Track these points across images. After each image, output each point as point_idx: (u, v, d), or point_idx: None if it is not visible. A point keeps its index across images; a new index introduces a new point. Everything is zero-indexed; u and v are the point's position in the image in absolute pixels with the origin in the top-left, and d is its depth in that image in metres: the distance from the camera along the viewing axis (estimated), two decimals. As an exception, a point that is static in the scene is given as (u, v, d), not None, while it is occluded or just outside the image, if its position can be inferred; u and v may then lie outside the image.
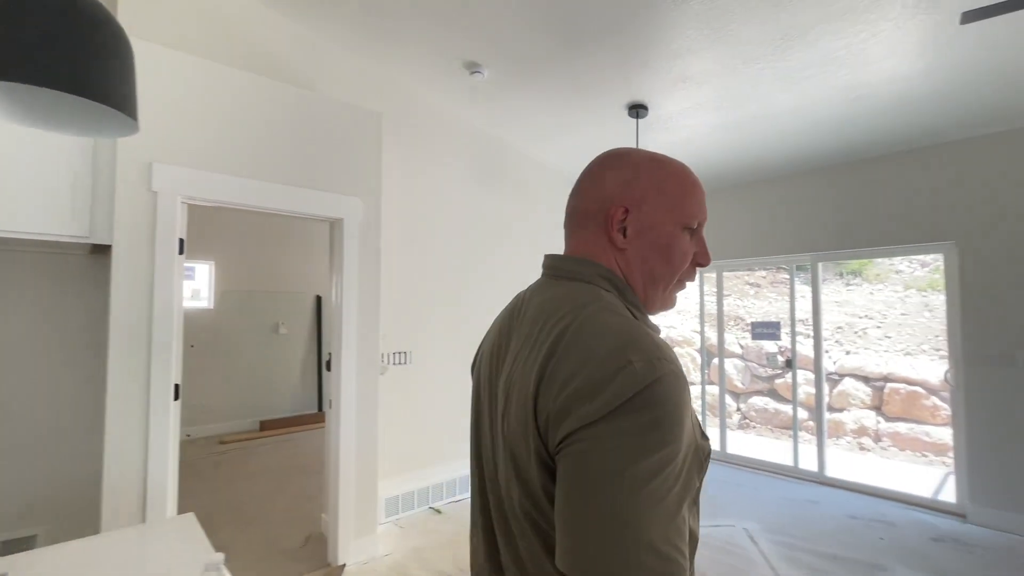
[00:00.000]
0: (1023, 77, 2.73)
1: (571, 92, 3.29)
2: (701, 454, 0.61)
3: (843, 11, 2.37)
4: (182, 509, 2.02)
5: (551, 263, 0.75)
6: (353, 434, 2.78)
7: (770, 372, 7.30)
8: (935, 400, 6.14)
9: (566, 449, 0.55)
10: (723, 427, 4.74)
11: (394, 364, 3.35)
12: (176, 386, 2.19)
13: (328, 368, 2.85)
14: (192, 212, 2.59)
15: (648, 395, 0.53)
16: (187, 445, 4.90)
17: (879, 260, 7.51)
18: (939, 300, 7.09)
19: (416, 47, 3.04)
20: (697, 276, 2.01)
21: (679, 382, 0.56)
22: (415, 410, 3.46)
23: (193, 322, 5.43)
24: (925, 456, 5.82)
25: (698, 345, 8.02)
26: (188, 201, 2.27)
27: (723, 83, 3.02)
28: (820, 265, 4.10)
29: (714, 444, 4.77)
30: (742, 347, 7.98)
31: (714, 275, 4.88)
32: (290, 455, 4.80)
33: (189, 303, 5.45)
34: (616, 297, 0.68)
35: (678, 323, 8.49)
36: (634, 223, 0.70)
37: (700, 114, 3.41)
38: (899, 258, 7.47)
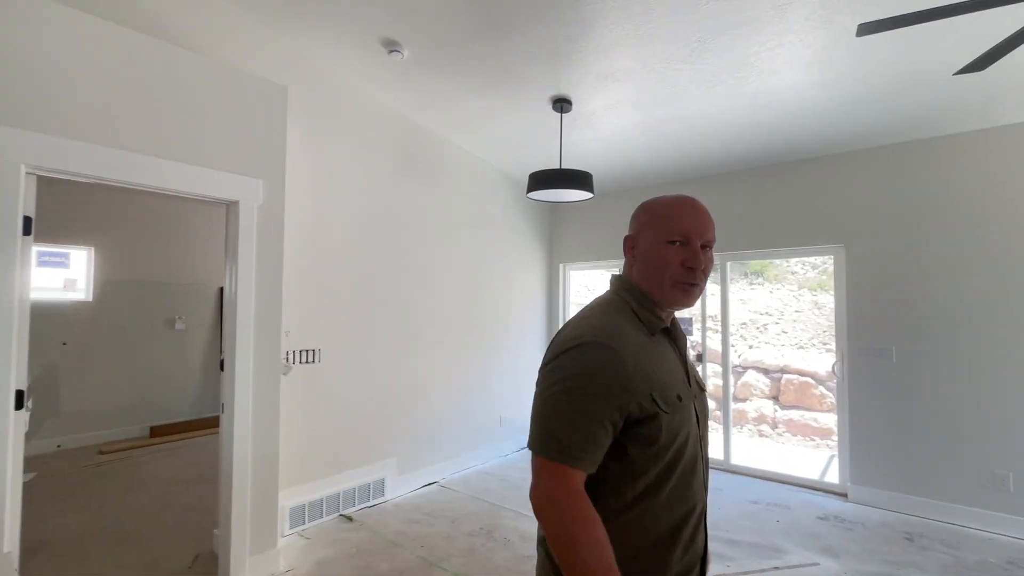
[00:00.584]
0: (907, 96, 3.00)
1: (496, 80, 3.20)
2: (645, 402, 0.91)
3: (752, 19, 2.46)
4: (35, 537, 1.69)
5: (616, 280, 1.12)
6: (249, 440, 2.52)
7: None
8: (822, 389, 6.76)
9: None
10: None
11: (301, 363, 3.10)
12: (19, 392, 1.84)
13: (221, 368, 2.56)
14: (64, 189, 2.20)
15: (566, 355, 0.93)
16: (55, 458, 4.28)
17: (778, 261, 8.16)
18: (827, 299, 7.84)
19: (328, 18, 2.79)
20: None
21: (592, 349, 0.91)
22: (325, 412, 3.23)
23: (66, 316, 4.75)
24: (813, 440, 6.39)
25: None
26: (36, 172, 1.91)
27: (644, 82, 3.06)
28: (728, 265, 4.33)
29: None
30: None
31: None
32: (185, 463, 4.34)
33: (59, 294, 4.75)
34: (628, 296, 1.04)
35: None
36: (637, 248, 1.05)
37: (622, 112, 3.45)
38: (795, 260, 8.11)
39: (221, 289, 5.84)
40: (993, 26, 2.28)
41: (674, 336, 1.07)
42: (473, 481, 3.98)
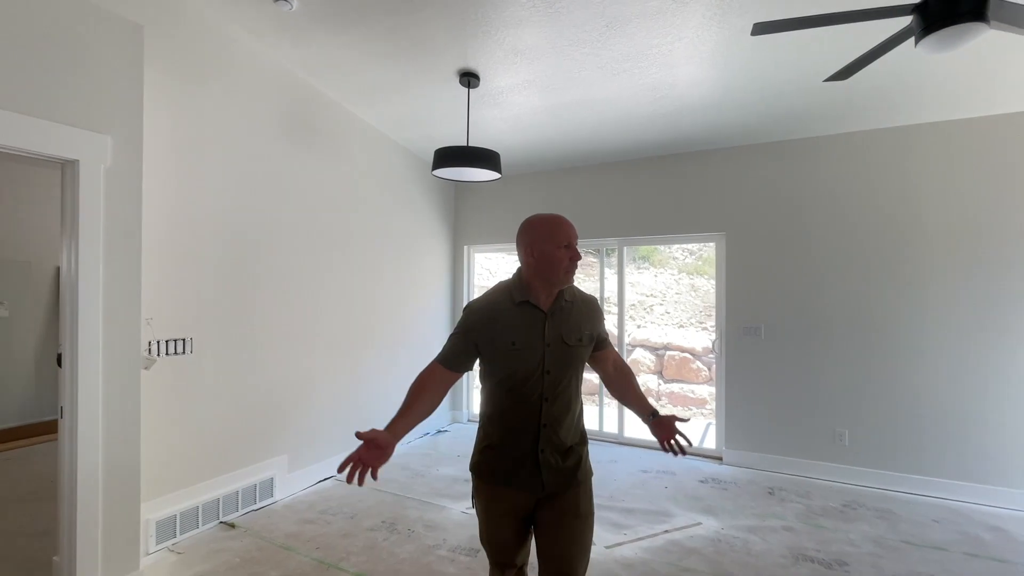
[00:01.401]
0: (786, 99, 3.31)
1: (399, 47, 2.97)
2: (481, 340, 1.50)
3: (656, 11, 2.53)
4: None
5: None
6: (99, 447, 2.12)
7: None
8: (699, 363, 7.48)
9: None
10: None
11: (168, 354, 2.68)
12: None
13: (59, 364, 2.11)
14: None
15: (463, 312, 1.56)
16: None
17: (662, 247, 8.82)
18: (702, 282, 8.67)
19: (196, -50, 2.37)
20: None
21: (468, 313, 1.53)
22: (200, 409, 2.84)
23: None
24: (691, 410, 7.07)
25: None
26: None
27: (552, 63, 3.04)
28: (624, 249, 4.55)
29: (532, 416, 5.02)
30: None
31: (536, 255, 5.07)
32: (13, 479, 3.60)
33: None
34: (514, 282, 1.54)
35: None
36: (535, 252, 1.48)
37: (529, 92, 3.40)
38: (676, 246, 8.80)
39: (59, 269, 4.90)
40: (858, 40, 2.56)
41: (542, 312, 1.51)
42: (373, 472, 3.79)
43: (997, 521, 3.05)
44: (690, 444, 1.64)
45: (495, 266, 7.99)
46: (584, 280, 8.95)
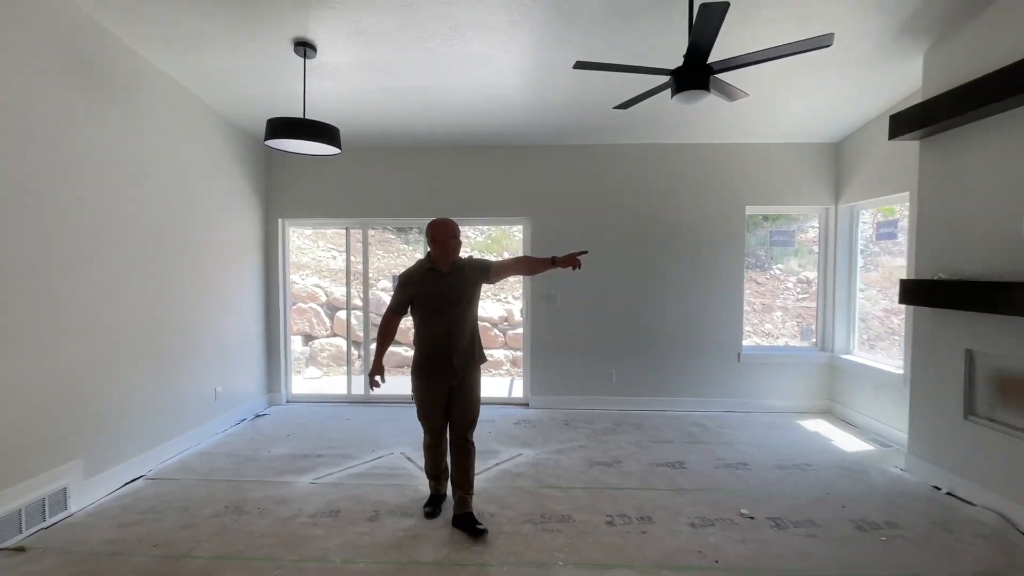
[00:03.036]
0: (586, 113, 4.12)
1: (225, 3, 2.74)
2: (410, 294, 2.64)
3: (492, 25, 2.96)
4: None
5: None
6: None
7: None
8: (496, 331, 8.47)
9: None
10: (366, 374, 5.15)
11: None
12: None
13: None
14: None
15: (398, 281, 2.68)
16: None
17: (464, 228, 9.53)
18: (491, 259, 9.69)
19: None
20: (347, 235, 2.94)
21: (401, 278, 2.68)
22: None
23: None
24: (490, 372, 8.01)
25: (323, 300, 8.15)
26: None
27: (396, 50, 3.21)
28: (446, 228, 4.98)
29: (357, 391, 5.13)
30: (361, 299, 8.56)
31: (360, 232, 5.11)
32: None
33: None
34: (427, 259, 2.67)
35: (299, 279, 8.28)
36: (436, 242, 2.60)
37: (370, 73, 3.49)
38: (471, 227, 9.60)
39: None
40: (642, 84, 3.44)
41: (443, 273, 2.62)
42: (193, 465, 3.47)
43: (702, 420, 4.55)
44: (584, 252, 2.76)
45: (337, 243, 7.50)
46: (384, 256, 9.10)
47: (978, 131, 2.87)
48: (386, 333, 2.67)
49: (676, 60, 2.61)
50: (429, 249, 2.63)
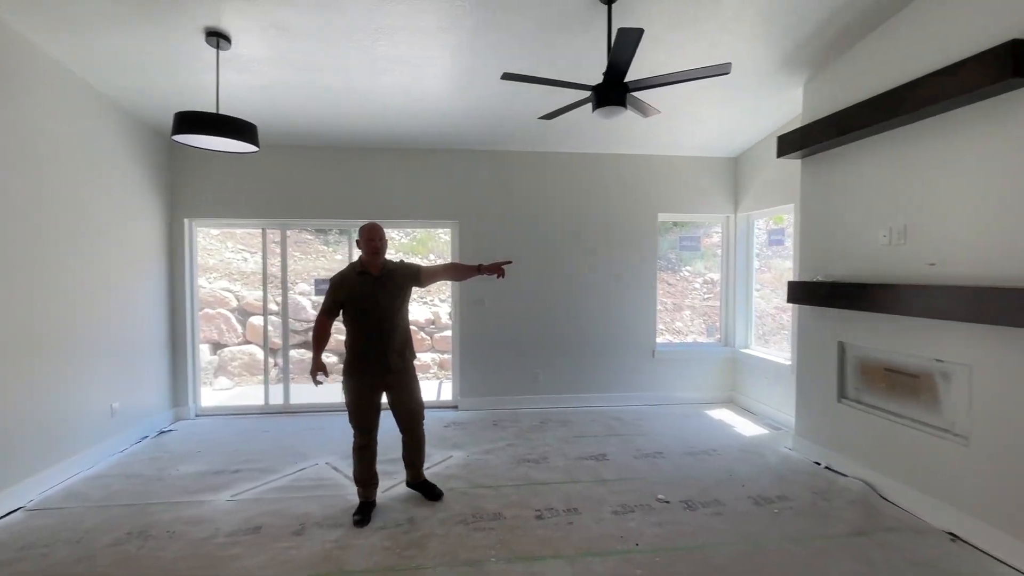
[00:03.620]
0: (512, 122, 4.22)
1: (130, -16, 2.53)
2: (342, 297, 2.75)
3: (422, 29, 2.98)
4: None
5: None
6: None
7: (307, 326, 7.85)
8: (423, 334, 8.39)
9: None
10: (286, 383, 4.91)
11: None
12: None
13: None
14: None
15: (329, 282, 2.79)
16: None
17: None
18: (417, 261, 9.60)
19: None
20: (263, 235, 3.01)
21: (332, 282, 2.78)
22: None
23: None
24: (419, 375, 7.92)
25: (234, 304, 7.61)
26: None
27: (318, 48, 3.12)
28: (371, 230, 4.89)
29: (276, 400, 4.87)
30: (278, 304, 8.13)
31: (278, 232, 4.86)
32: None
33: None
34: (357, 263, 2.82)
35: (206, 283, 7.71)
36: (361, 245, 2.77)
37: (291, 69, 3.36)
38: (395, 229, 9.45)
39: None
40: (568, 97, 3.60)
41: (374, 276, 2.76)
42: (85, 491, 3.13)
43: (621, 414, 4.83)
44: (509, 262, 3.00)
45: (252, 243, 6.98)
46: (301, 259, 8.69)
47: (847, 153, 3.34)
48: (321, 335, 2.76)
49: (597, 76, 2.79)
50: (361, 252, 2.78)
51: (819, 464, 3.55)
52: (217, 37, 2.97)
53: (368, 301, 2.72)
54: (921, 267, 2.82)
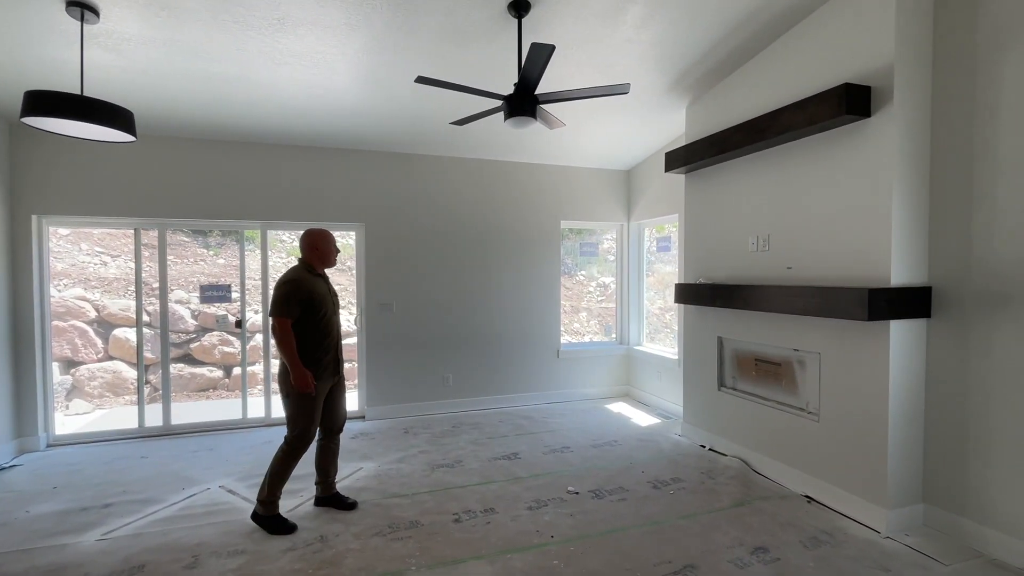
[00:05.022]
0: (421, 125, 4.17)
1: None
2: (304, 299, 2.71)
3: (328, 24, 2.86)
4: None
5: (300, 259, 2.86)
6: None
7: (185, 338, 7.08)
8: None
9: None
10: (166, 402, 4.37)
11: None
12: None
13: None
14: None
15: (285, 285, 2.69)
16: None
17: (271, 232, 8.72)
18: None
19: None
20: (136, 236, 3.12)
21: (290, 286, 2.69)
22: None
23: None
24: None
25: (92, 316, 6.61)
26: None
27: (209, 33, 2.86)
28: (268, 233, 4.54)
29: (154, 422, 4.33)
30: (149, 314, 7.25)
31: (154, 233, 4.33)
32: None
33: None
34: (305, 267, 2.83)
35: (55, 291, 6.64)
36: (318, 251, 2.85)
37: (172, 53, 3.03)
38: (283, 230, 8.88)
39: None
40: (476, 105, 3.65)
41: (324, 279, 2.89)
42: None
43: (530, 412, 4.99)
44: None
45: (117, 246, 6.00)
46: (180, 262, 7.81)
47: (723, 170, 3.80)
48: (291, 339, 2.66)
49: (506, 86, 2.89)
50: (305, 256, 2.83)
51: (704, 447, 3.98)
52: (81, 8, 2.59)
53: (326, 302, 2.81)
54: (781, 270, 3.30)
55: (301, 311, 2.69)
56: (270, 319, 2.68)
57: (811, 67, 3.07)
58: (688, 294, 3.99)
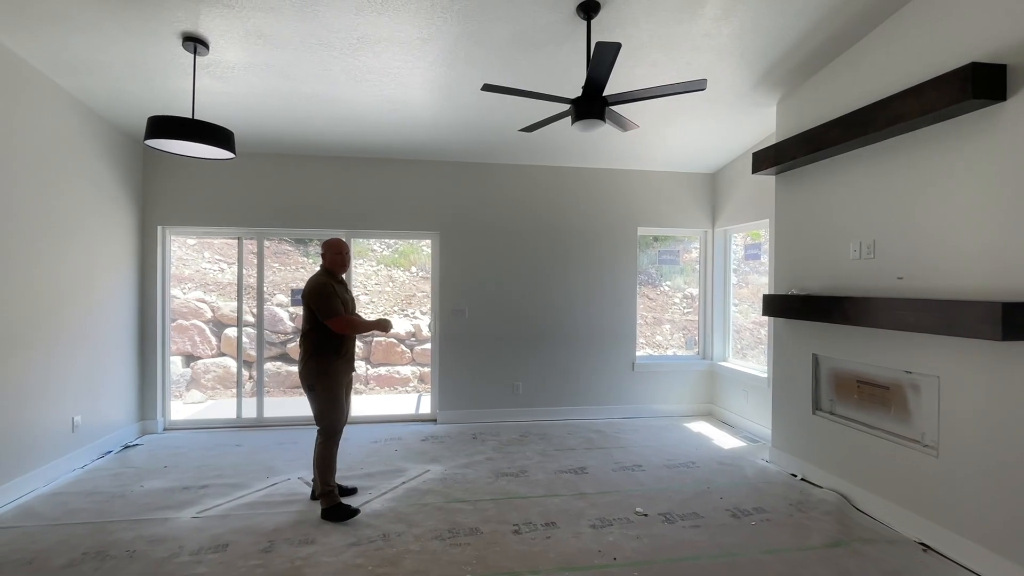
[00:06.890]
0: (493, 134, 4.25)
1: (105, -14, 2.49)
2: (339, 302, 2.94)
3: (404, 40, 2.99)
4: None
5: (322, 266, 3.11)
6: None
7: (283, 338, 7.70)
8: (402, 347, 8.29)
9: None
10: (260, 396, 4.78)
11: None
12: None
13: None
14: None
15: (321, 287, 2.92)
16: None
17: (362, 240, 9.27)
18: (398, 273, 9.53)
19: None
20: (239, 245, 3.59)
21: (324, 287, 2.92)
22: None
23: None
24: (396, 389, 7.81)
25: (208, 316, 7.43)
26: None
27: (299, 56, 3.11)
28: (352, 240, 4.82)
29: (249, 414, 4.74)
30: (254, 315, 7.96)
31: (255, 242, 4.78)
32: None
33: None
34: (328, 274, 3.04)
35: (180, 293, 7.53)
36: (333, 257, 3.06)
37: (267, 76, 3.33)
38: (375, 240, 9.39)
39: None
40: (548, 109, 3.64)
41: (343, 286, 3.10)
42: (40, 509, 2.98)
43: (601, 427, 4.82)
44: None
45: (224, 252, 6.82)
46: (284, 269, 8.55)
47: (819, 169, 3.43)
48: (353, 320, 3.02)
49: (576, 90, 2.83)
50: (327, 262, 3.06)
51: (795, 476, 3.58)
52: (195, 43, 2.94)
53: (350, 305, 3.10)
54: (889, 280, 2.89)
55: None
56: (324, 323, 2.89)
57: (925, 48, 2.68)
58: (778, 306, 3.64)
